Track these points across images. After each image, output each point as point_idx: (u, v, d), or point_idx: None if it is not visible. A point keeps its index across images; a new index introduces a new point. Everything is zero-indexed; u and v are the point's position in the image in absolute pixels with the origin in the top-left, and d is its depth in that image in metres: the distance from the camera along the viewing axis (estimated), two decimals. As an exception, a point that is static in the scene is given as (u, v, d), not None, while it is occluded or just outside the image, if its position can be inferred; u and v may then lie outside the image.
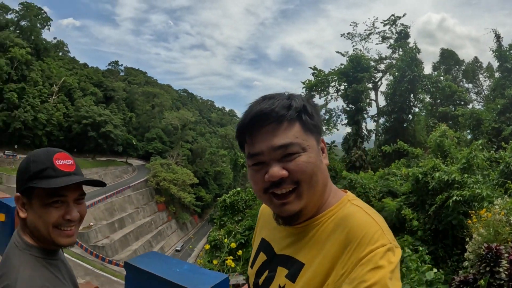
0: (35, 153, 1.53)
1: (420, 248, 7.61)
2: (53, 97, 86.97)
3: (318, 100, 29.90)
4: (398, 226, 15.56)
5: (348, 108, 34.86)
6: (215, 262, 5.19)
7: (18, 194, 1.47)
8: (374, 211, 1.20)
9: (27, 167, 1.44)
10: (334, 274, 1.08)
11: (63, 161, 1.46)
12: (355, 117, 33.19)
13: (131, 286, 2.24)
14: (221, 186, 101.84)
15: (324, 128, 32.72)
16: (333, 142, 35.86)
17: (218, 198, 42.64)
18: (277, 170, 1.12)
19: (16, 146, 77.38)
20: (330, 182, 1.27)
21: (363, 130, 35.18)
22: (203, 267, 4.89)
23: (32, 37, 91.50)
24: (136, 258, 2.08)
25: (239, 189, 33.23)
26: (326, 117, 37.92)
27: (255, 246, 1.53)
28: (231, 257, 4.84)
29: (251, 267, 1.47)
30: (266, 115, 1.15)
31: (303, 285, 1.16)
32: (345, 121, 36.08)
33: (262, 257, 1.42)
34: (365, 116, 35.92)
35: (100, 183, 1.62)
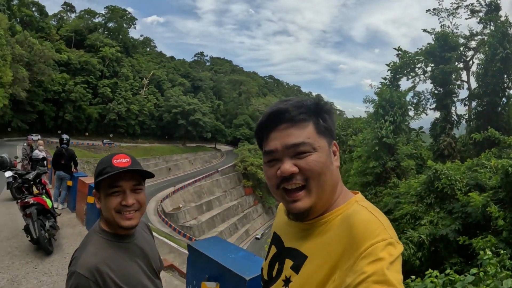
0: (102, 157, 1.79)
1: (502, 252, 6.59)
2: (144, 90, 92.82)
3: (405, 82, 27.53)
4: (483, 224, 14.19)
5: (436, 91, 31.71)
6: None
7: (94, 190, 1.77)
8: (378, 211, 1.21)
9: (96, 168, 1.76)
10: (339, 268, 1.11)
11: (120, 159, 1.70)
12: (443, 101, 30.13)
13: (192, 267, 2.54)
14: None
15: (412, 111, 30.85)
16: (421, 128, 33.12)
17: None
18: (288, 167, 1.19)
19: (111, 135, 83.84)
20: (341, 184, 1.31)
21: (453, 115, 31.79)
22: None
23: (120, 37, 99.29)
24: (198, 241, 2.29)
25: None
26: (414, 100, 34.59)
27: (270, 240, 1.57)
28: None
29: (266, 259, 1.54)
30: (282, 115, 1.24)
31: (305, 276, 1.22)
32: (433, 106, 33.06)
33: (273, 250, 1.48)
34: (455, 99, 32.32)
35: (148, 174, 1.81)
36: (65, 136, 11.68)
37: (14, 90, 54.14)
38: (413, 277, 5.41)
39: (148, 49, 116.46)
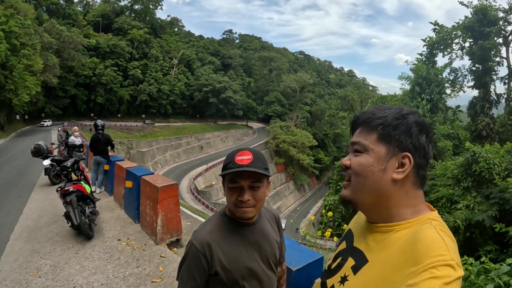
0: (230, 152, 1.86)
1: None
2: (174, 69, 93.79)
3: (441, 58, 26.00)
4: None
5: (474, 68, 30.16)
6: (318, 233, 5.25)
7: (222, 180, 1.87)
8: (448, 232, 1.20)
9: (224, 161, 1.84)
10: (395, 282, 1.14)
11: (242, 156, 1.75)
12: (482, 79, 28.77)
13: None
14: (340, 148, 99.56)
15: (449, 89, 29.32)
16: (458, 106, 31.67)
17: (335, 162, 41.76)
18: (344, 160, 1.37)
19: (143, 116, 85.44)
20: (412, 199, 1.30)
21: (492, 94, 30.10)
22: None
23: (147, 18, 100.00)
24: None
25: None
26: (451, 77, 32.87)
27: (343, 234, 1.62)
28: (330, 230, 5.01)
29: (334, 251, 1.60)
30: (363, 116, 1.37)
31: (361, 280, 1.27)
32: (471, 83, 31.19)
33: (343, 245, 1.53)
34: (494, 77, 30.62)
35: (264, 175, 1.78)
36: (100, 122, 11.97)
37: (45, 77, 55.77)
38: None
39: (176, 29, 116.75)
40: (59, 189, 7.29)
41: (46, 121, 59.27)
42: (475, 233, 14.93)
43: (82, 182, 7.92)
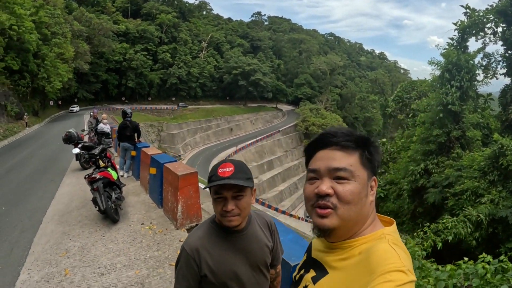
0: (214, 165, 1.97)
1: None
2: (203, 53, 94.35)
3: (474, 43, 24.61)
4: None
5: (507, 55, 28.58)
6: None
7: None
8: (400, 244, 1.25)
9: (209, 173, 1.94)
10: None
11: (224, 169, 1.87)
12: None
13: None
14: (370, 132, 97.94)
15: (481, 75, 28.07)
16: (490, 94, 30.32)
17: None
18: (325, 188, 1.27)
19: (173, 99, 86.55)
20: (372, 216, 1.37)
21: None
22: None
23: (175, 2, 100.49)
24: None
25: (384, 140, 31.76)
26: (484, 62, 31.32)
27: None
28: None
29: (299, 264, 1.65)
30: (332, 137, 1.33)
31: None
32: (504, 70, 29.64)
33: (304, 257, 1.60)
34: None
35: (241, 187, 1.89)
36: (128, 110, 12.33)
37: (77, 64, 57.29)
38: (466, 258, 5.20)
39: (204, 13, 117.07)
40: (86, 176, 7.78)
41: (74, 107, 60.25)
42: (498, 229, 14.59)
43: (109, 169, 8.34)
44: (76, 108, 59.56)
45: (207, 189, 1.89)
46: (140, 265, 5.87)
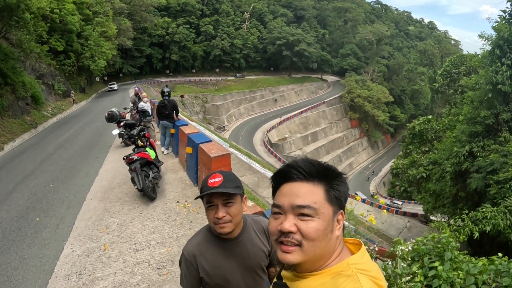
0: (205, 177, 2.06)
1: None
2: (246, 24, 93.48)
3: None
4: None
5: None
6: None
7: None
8: (368, 272, 1.25)
9: (201, 185, 2.09)
10: None
11: (213, 179, 1.98)
12: None
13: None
14: (417, 106, 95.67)
15: None
16: None
17: (413, 120, 40.00)
18: (288, 226, 1.25)
19: (217, 70, 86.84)
20: (339, 248, 1.35)
21: None
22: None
23: None
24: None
25: (430, 116, 30.71)
26: None
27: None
28: (382, 200, 4.87)
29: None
30: (294, 171, 1.31)
31: None
32: None
33: (275, 279, 1.58)
34: None
35: (230, 194, 2.00)
36: (166, 89, 12.63)
37: (120, 41, 58.51)
38: (500, 254, 4.90)
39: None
40: (125, 157, 8.15)
41: (113, 84, 58.41)
42: None
43: (147, 149, 8.64)
44: (115, 86, 57.87)
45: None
46: (172, 243, 6.18)
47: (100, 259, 5.70)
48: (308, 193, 1.26)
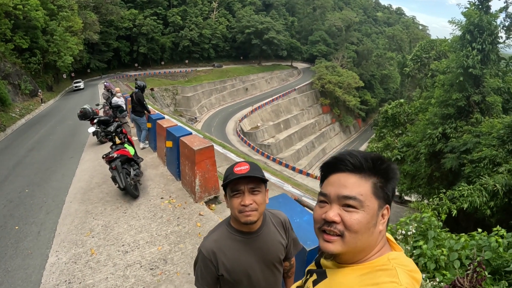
0: (228, 167, 2.07)
1: None
2: (214, 13, 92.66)
3: (496, 1, 23.13)
4: None
5: None
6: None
7: (224, 194, 2.10)
8: (406, 269, 1.27)
9: (224, 174, 2.06)
10: None
11: (240, 167, 1.98)
12: None
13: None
14: (387, 90, 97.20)
15: (503, 36, 26.94)
16: None
17: (383, 104, 40.64)
18: (332, 215, 1.28)
19: (187, 61, 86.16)
20: (381, 243, 1.36)
21: None
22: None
23: None
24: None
25: (402, 100, 31.30)
26: (506, 23, 30.07)
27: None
28: None
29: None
30: (346, 163, 1.33)
31: None
32: None
33: (312, 265, 1.61)
34: None
35: (262, 182, 2.05)
36: (138, 82, 12.55)
37: (86, 35, 57.15)
38: (479, 230, 5.27)
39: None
40: (104, 156, 7.84)
41: (78, 82, 52.85)
42: None
43: (125, 145, 8.47)
44: (81, 84, 52.51)
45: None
46: (162, 241, 6.08)
47: (89, 265, 5.56)
48: (355, 184, 1.29)
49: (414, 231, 4.53)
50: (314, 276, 1.47)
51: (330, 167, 1.38)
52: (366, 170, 1.29)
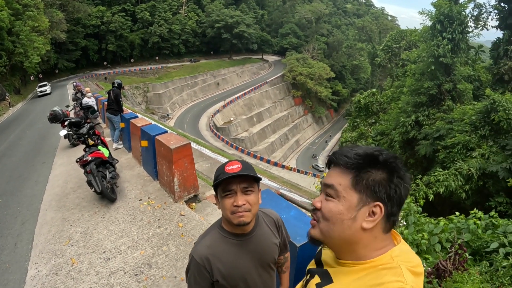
0: (218, 166, 2.01)
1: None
2: (183, 8, 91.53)
3: None
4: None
5: (500, 7, 27.51)
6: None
7: (214, 195, 2.06)
8: (409, 265, 1.26)
9: (215, 173, 1.98)
10: None
11: (232, 166, 1.90)
12: (508, 20, 25.47)
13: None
14: (358, 80, 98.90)
15: (472, 24, 27.49)
16: (481, 46, 29.82)
17: (355, 94, 41.12)
18: (316, 201, 1.37)
19: (157, 58, 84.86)
20: (381, 243, 1.33)
21: None
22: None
23: None
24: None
25: (374, 90, 31.69)
26: (475, 13, 30.59)
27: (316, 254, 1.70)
28: None
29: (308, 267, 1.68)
30: (337, 156, 1.37)
31: None
32: (496, 23, 28.65)
33: (312, 264, 1.61)
34: None
35: (254, 181, 1.98)
36: (115, 81, 12.31)
37: (53, 34, 55.77)
38: (457, 213, 5.52)
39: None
40: (78, 160, 7.56)
41: (43, 85, 45.99)
42: (488, 183, 15.00)
43: (99, 147, 8.20)
44: (47, 88, 45.58)
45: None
46: (144, 245, 5.88)
47: (71, 275, 5.27)
48: (336, 175, 1.32)
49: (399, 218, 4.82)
50: (317, 279, 1.44)
51: (330, 162, 1.43)
52: (348, 164, 1.30)
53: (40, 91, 44.35)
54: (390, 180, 1.28)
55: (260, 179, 2.00)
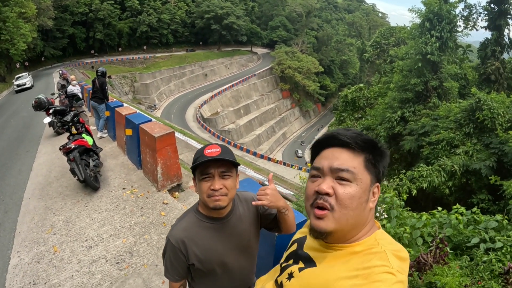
0: (198, 149, 2.04)
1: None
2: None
3: None
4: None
5: (489, 8, 27.26)
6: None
7: (192, 177, 2.04)
8: (392, 248, 1.28)
9: (194, 156, 1.98)
10: (338, 286, 1.22)
11: (211, 150, 1.90)
12: (496, 21, 26.00)
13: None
14: (346, 75, 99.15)
15: (461, 24, 27.75)
16: (469, 46, 30.13)
17: (343, 89, 41.40)
18: (326, 187, 1.27)
19: (145, 47, 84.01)
20: (371, 223, 1.37)
21: (505, 38, 27.49)
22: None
23: None
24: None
25: (361, 85, 31.85)
26: (465, 13, 30.86)
27: (294, 238, 1.71)
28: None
29: (286, 251, 1.68)
30: (339, 137, 1.34)
31: (304, 277, 1.39)
32: (485, 24, 28.99)
33: (294, 247, 1.61)
34: (509, 21, 27.43)
35: (233, 166, 1.97)
36: (99, 69, 12.22)
37: (40, 21, 54.93)
38: (439, 208, 5.60)
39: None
40: (61, 147, 7.47)
41: (21, 78, 37.33)
42: (471, 180, 15.27)
43: (83, 135, 8.12)
44: (27, 80, 36.64)
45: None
46: (126, 233, 5.88)
47: (53, 263, 5.25)
48: (348, 158, 1.29)
49: (381, 211, 4.90)
50: (301, 264, 1.45)
51: (323, 143, 1.39)
52: (357, 146, 1.30)
53: (18, 85, 35.88)
54: (385, 163, 1.36)
55: (239, 164, 2.00)
